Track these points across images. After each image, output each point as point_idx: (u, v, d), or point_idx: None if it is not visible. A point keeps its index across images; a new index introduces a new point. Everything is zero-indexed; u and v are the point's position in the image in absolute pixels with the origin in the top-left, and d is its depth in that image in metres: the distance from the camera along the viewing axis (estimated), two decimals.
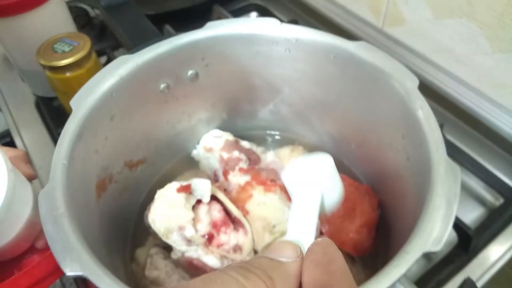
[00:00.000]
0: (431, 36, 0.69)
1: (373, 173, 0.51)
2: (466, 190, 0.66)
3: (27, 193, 0.38)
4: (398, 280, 0.29)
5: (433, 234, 0.30)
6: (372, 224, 0.47)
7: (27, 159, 0.44)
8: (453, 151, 0.68)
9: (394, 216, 0.48)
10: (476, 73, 0.67)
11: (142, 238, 0.51)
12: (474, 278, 0.57)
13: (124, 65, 0.44)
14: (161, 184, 0.55)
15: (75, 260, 0.29)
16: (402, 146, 0.42)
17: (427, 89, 0.71)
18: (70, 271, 0.29)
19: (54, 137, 0.76)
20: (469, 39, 0.65)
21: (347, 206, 0.46)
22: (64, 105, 0.76)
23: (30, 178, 0.42)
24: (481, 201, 0.65)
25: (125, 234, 0.51)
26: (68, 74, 0.68)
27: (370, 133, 0.48)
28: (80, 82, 0.69)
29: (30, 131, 0.80)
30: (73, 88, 0.70)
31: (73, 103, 0.40)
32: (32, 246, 0.41)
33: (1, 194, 0.32)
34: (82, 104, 0.40)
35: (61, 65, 0.66)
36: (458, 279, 0.55)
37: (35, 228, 0.40)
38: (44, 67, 0.68)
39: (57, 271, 0.37)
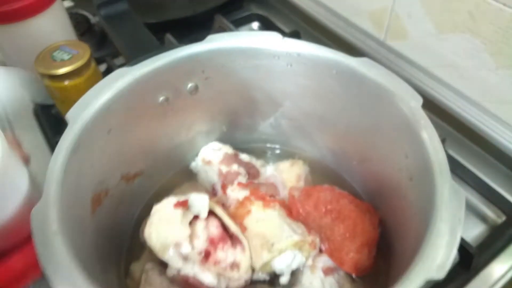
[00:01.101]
0: (434, 51, 0.69)
1: (374, 190, 0.50)
2: (467, 207, 0.65)
3: (21, 172, 0.38)
4: None
5: (437, 261, 0.29)
6: (373, 243, 0.46)
7: (18, 143, 0.44)
8: (455, 167, 0.67)
9: (395, 235, 0.47)
10: (479, 88, 0.67)
11: (137, 252, 0.50)
12: None
13: (122, 78, 0.43)
14: (159, 196, 0.54)
15: (66, 279, 0.28)
16: (405, 165, 0.41)
17: (430, 104, 0.70)
18: None
19: (52, 144, 0.76)
20: (472, 55, 0.65)
21: (348, 224, 0.46)
22: (62, 113, 0.75)
23: (25, 160, 0.41)
24: (482, 218, 0.64)
25: (120, 248, 0.50)
26: (66, 83, 0.67)
27: (372, 150, 0.47)
28: (78, 90, 0.69)
29: (27, 137, 0.79)
30: (71, 96, 0.69)
31: (69, 116, 0.40)
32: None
33: None
34: (78, 117, 0.40)
35: (60, 73, 0.66)
36: None
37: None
38: (43, 75, 0.67)
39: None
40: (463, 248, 0.55)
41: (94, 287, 0.29)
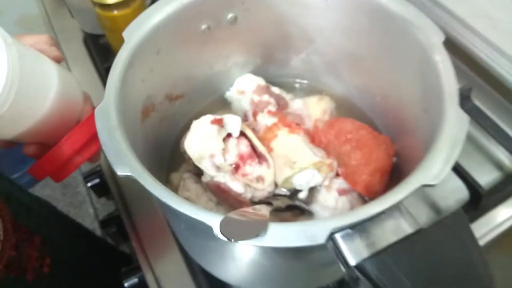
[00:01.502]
0: (471, 0, 0.69)
1: (393, 126, 0.54)
2: (486, 154, 0.69)
3: (48, 69, 0.40)
4: (397, 207, 0.33)
5: (433, 171, 0.33)
6: (386, 170, 0.50)
7: (53, 42, 0.47)
8: (478, 116, 0.69)
9: (409, 166, 0.51)
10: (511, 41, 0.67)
11: (176, 164, 0.57)
12: (478, 235, 0.60)
13: (171, 3, 0.48)
14: (197, 119, 0.61)
15: (125, 164, 0.35)
16: (421, 98, 0.44)
17: (460, 52, 0.72)
18: (121, 172, 0.35)
19: (100, 72, 0.83)
20: (508, 7, 0.65)
21: (364, 151, 0.50)
22: (110, 42, 0.81)
23: (57, 60, 0.45)
24: (499, 166, 0.67)
25: (162, 158, 0.57)
26: (115, 12, 0.73)
27: (394, 85, 0.51)
28: (126, 20, 0.74)
29: (77, 65, 0.87)
30: (119, 26, 0.75)
31: (125, 34, 0.45)
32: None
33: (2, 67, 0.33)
34: (132, 36, 0.45)
35: (110, 3, 0.71)
36: None
37: (72, 105, 0.44)
38: (94, 4, 0.73)
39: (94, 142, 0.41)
40: (474, 188, 0.59)
41: (145, 170, 0.36)
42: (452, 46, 0.74)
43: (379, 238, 0.34)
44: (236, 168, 0.50)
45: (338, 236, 0.33)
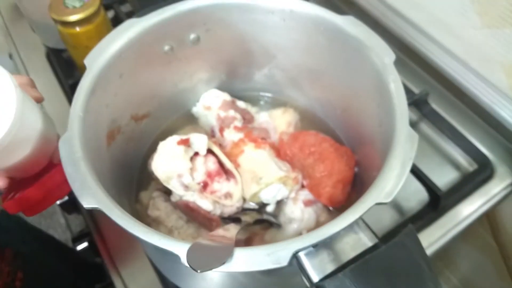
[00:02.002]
0: (425, 7, 0.72)
1: (353, 137, 0.57)
2: (444, 155, 0.72)
3: (36, 111, 0.42)
4: (356, 223, 0.35)
5: (386, 189, 0.36)
6: (347, 181, 0.53)
7: (33, 84, 0.48)
8: (435, 119, 0.73)
9: (367, 174, 0.54)
10: (464, 46, 0.71)
11: (145, 183, 0.58)
12: (440, 233, 0.64)
13: (132, 28, 0.48)
14: (163, 136, 0.61)
15: (91, 196, 0.36)
16: (377, 113, 0.47)
17: (418, 58, 0.75)
18: (87, 204, 0.35)
19: (64, 87, 0.82)
20: (460, 13, 0.68)
21: (327, 164, 0.52)
22: (74, 58, 0.80)
23: (38, 101, 0.46)
24: (456, 166, 0.71)
25: (130, 179, 0.57)
26: (78, 29, 0.72)
27: (352, 100, 0.53)
28: (89, 37, 0.74)
29: (41, 80, 0.85)
30: (82, 42, 0.74)
31: (87, 61, 0.45)
32: (51, 163, 0.46)
33: (12, 107, 0.37)
34: (94, 63, 0.46)
35: (72, 20, 0.70)
36: (426, 233, 0.62)
37: (49, 144, 0.45)
38: (56, 21, 0.72)
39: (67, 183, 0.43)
40: (432, 190, 0.62)
41: (111, 201, 0.36)
42: (409, 51, 0.78)
43: (340, 253, 0.36)
44: (204, 186, 0.51)
45: (301, 254, 0.35)
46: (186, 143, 0.50)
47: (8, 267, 0.58)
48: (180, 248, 0.33)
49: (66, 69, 0.84)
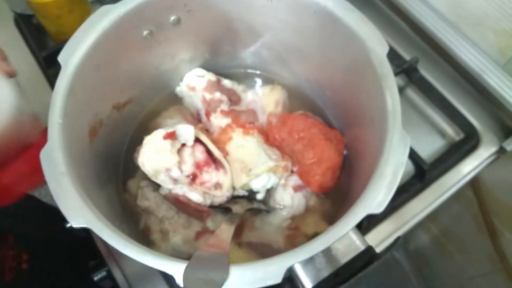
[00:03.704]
0: None
1: (342, 119, 0.56)
2: (430, 123, 0.72)
3: (6, 88, 0.40)
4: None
5: (377, 199, 0.36)
6: (337, 167, 0.53)
7: (4, 56, 0.45)
8: (424, 86, 0.72)
9: (355, 157, 0.54)
10: (457, 9, 0.68)
11: (132, 170, 0.56)
12: (426, 203, 0.65)
13: (106, 17, 0.45)
14: (147, 120, 0.60)
15: (80, 216, 0.35)
16: (368, 106, 0.46)
17: (410, 22, 0.72)
18: (76, 224, 0.35)
19: (38, 59, 0.77)
20: None
21: (316, 151, 0.52)
22: (46, 28, 0.75)
23: (10, 75, 0.43)
24: (442, 135, 0.71)
25: (116, 167, 0.56)
26: None
27: (342, 84, 0.52)
28: (59, 6, 0.69)
29: (12, 51, 0.79)
30: (53, 12, 0.69)
31: (61, 59, 0.42)
32: (25, 148, 0.44)
33: None
34: (69, 60, 0.42)
35: None
36: (412, 204, 0.64)
37: (22, 126, 0.43)
38: None
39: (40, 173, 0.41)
40: (418, 164, 0.63)
41: (101, 219, 0.36)
42: (401, 14, 0.75)
43: (333, 259, 0.37)
44: (194, 178, 0.51)
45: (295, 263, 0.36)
46: (172, 136, 0.48)
47: (12, 251, 0.58)
48: (175, 268, 0.33)
49: (38, 37, 0.78)
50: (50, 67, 0.70)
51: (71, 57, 0.42)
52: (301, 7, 0.47)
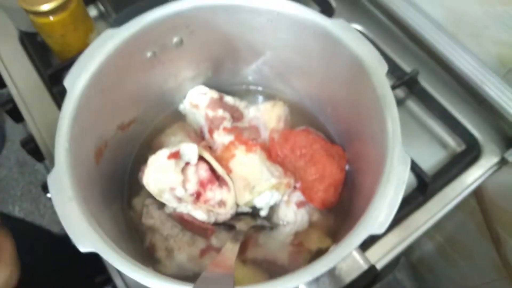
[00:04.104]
0: None
1: (344, 135, 0.57)
2: (432, 135, 0.73)
3: None
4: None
5: (379, 219, 0.36)
6: (339, 183, 0.53)
7: None
8: (425, 98, 0.73)
9: (358, 171, 0.54)
10: (456, 21, 0.69)
11: (137, 188, 0.57)
12: (428, 216, 0.65)
13: (111, 40, 0.46)
14: (151, 137, 0.60)
15: (88, 240, 0.36)
16: (368, 124, 0.46)
17: (409, 33, 0.73)
18: (84, 249, 0.35)
19: (43, 77, 0.78)
20: None
21: (318, 167, 0.53)
22: (50, 46, 0.76)
23: None
24: (444, 146, 0.72)
25: (121, 186, 0.57)
26: (52, 19, 0.68)
27: (343, 103, 0.52)
28: (64, 25, 0.70)
29: (17, 69, 0.81)
30: (57, 31, 0.70)
31: (66, 84, 0.43)
32: None
33: None
34: (74, 85, 0.43)
35: (45, 10, 0.66)
36: (414, 217, 0.64)
37: None
38: (27, 11, 0.67)
39: None
40: (420, 177, 0.63)
41: (109, 243, 0.36)
42: (401, 26, 0.75)
43: (336, 279, 0.37)
44: (198, 196, 0.52)
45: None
46: (176, 156, 0.49)
47: None
48: None
49: (42, 54, 0.80)
50: (54, 85, 0.71)
51: (77, 81, 0.43)
52: (301, 27, 0.48)
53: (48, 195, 0.69)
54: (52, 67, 0.75)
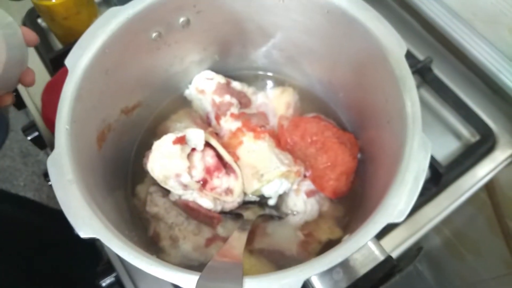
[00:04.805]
0: None
1: (357, 122, 0.54)
2: (445, 125, 0.70)
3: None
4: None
5: (398, 207, 0.34)
6: (351, 172, 0.51)
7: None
8: (438, 87, 0.70)
9: (371, 160, 0.52)
10: (471, 7, 0.66)
11: (141, 175, 0.55)
12: (442, 207, 0.63)
13: (115, 19, 0.43)
14: (156, 123, 0.58)
15: (88, 226, 0.34)
16: (384, 108, 0.44)
17: (423, 21, 0.71)
18: (85, 234, 0.34)
19: (45, 61, 0.76)
20: None
21: (330, 155, 0.50)
22: (53, 31, 0.74)
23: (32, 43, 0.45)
24: (458, 136, 0.69)
25: (125, 172, 0.55)
26: (54, 1, 0.66)
27: (357, 87, 0.50)
28: (66, 7, 0.68)
29: None
30: (60, 13, 0.68)
31: (68, 63, 0.41)
32: None
33: None
34: (76, 64, 0.41)
35: None
36: (427, 209, 0.62)
37: (17, 65, 0.44)
38: None
39: None
40: (434, 167, 0.61)
41: (110, 229, 0.35)
42: (414, 12, 0.73)
43: (351, 270, 0.35)
44: (204, 183, 0.49)
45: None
46: (182, 141, 0.47)
47: None
48: (187, 281, 0.32)
49: (44, 39, 0.77)
50: (57, 69, 0.69)
51: (79, 61, 0.41)
52: (315, 7, 0.46)
53: (50, 183, 0.68)
54: (54, 51, 0.73)
